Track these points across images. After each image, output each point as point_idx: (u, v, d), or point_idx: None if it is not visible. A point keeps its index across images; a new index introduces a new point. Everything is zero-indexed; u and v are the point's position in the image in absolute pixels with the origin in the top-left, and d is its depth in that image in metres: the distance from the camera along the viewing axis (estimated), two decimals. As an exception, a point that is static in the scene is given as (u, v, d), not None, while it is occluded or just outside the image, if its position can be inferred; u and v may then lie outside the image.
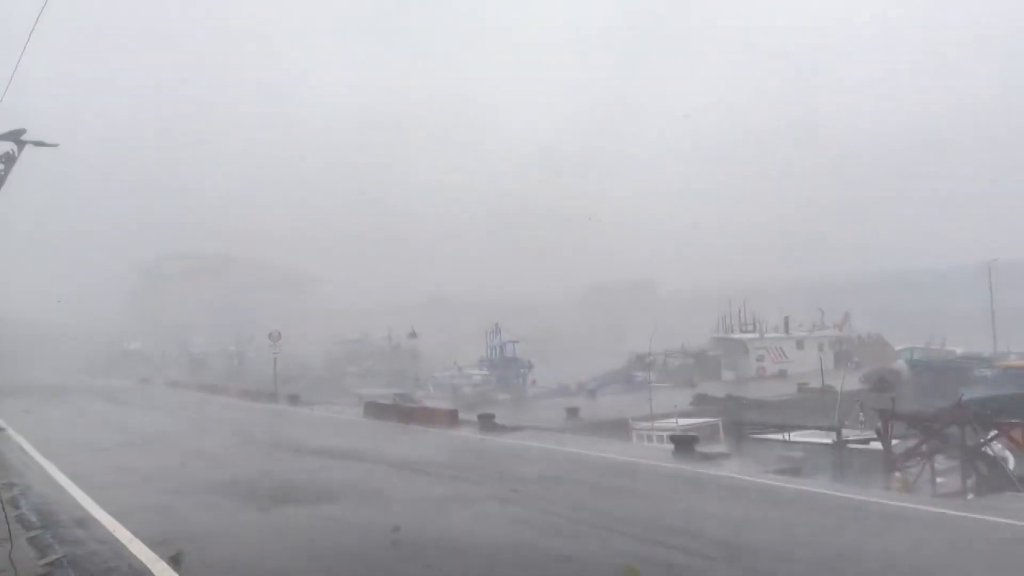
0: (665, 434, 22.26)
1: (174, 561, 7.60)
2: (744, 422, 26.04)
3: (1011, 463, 17.59)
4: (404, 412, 23.17)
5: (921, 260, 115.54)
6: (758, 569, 7.26)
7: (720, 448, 20.76)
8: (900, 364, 50.05)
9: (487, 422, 18.95)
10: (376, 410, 23.91)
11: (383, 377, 52.30)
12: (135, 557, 8.02)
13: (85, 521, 9.92)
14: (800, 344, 56.41)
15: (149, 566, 7.65)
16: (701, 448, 14.57)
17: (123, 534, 9.02)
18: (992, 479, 15.68)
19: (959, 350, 54.44)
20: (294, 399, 29.42)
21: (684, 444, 14.05)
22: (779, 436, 21.96)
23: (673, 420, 26.21)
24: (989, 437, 17.16)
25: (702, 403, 36.00)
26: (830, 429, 20.43)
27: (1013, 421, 17.53)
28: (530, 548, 8.23)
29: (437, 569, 7.57)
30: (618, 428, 27.47)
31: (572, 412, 32.73)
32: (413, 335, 60.50)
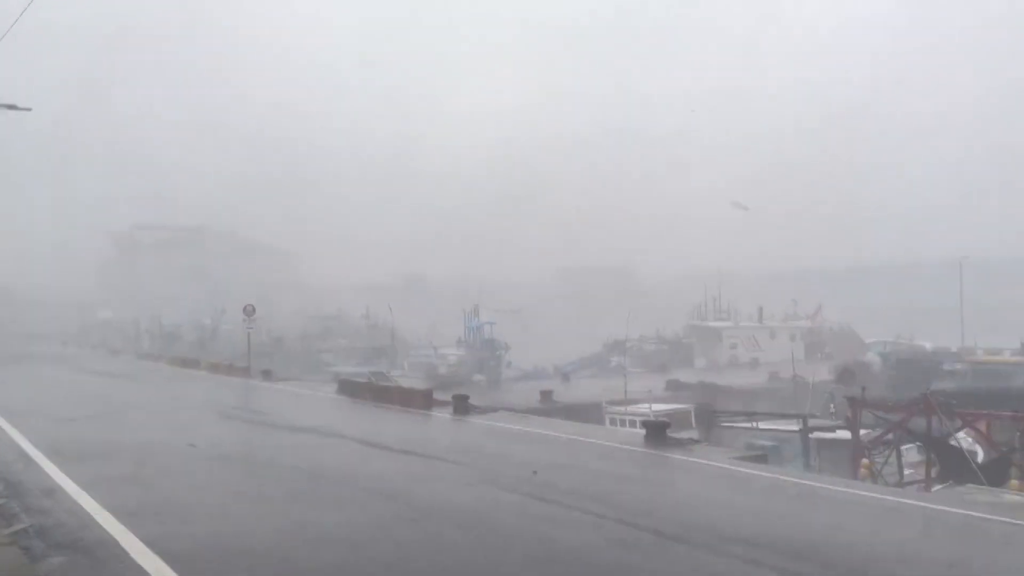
0: (637, 419, 22.50)
1: None
2: (715, 409, 26.45)
3: (980, 456, 17.98)
4: (379, 391, 23.10)
5: (894, 255, 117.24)
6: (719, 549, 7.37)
7: (691, 434, 21.05)
8: (872, 357, 51.02)
9: (461, 403, 18.96)
10: (350, 388, 23.81)
11: (358, 355, 52.17)
12: (103, 528, 7.96)
13: (53, 491, 9.83)
14: (773, 334, 57.21)
15: (117, 538, 7.59)
16: (672, 434, 14.72)
17: (91, 505, 8.95)
18: (957, 470, 16.03)
19: (928, 345, 55.53)
20: (267, 374, 29.23)
21: (655, 429, 14.17)
22: (749, 424, 22.29)
23: (646, 405, 26.49)
24: (956, 428, 17.53)
25: (674, 389, 36.41)
26: (798, 418, 20.77)
27: (977, 412, 17.90)
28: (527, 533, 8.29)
29: (419, 546, 7.60)
30: (591, 412, 27.71)
31: (546, 395, 32.97)
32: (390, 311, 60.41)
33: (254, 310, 31.78)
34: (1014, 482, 14.92)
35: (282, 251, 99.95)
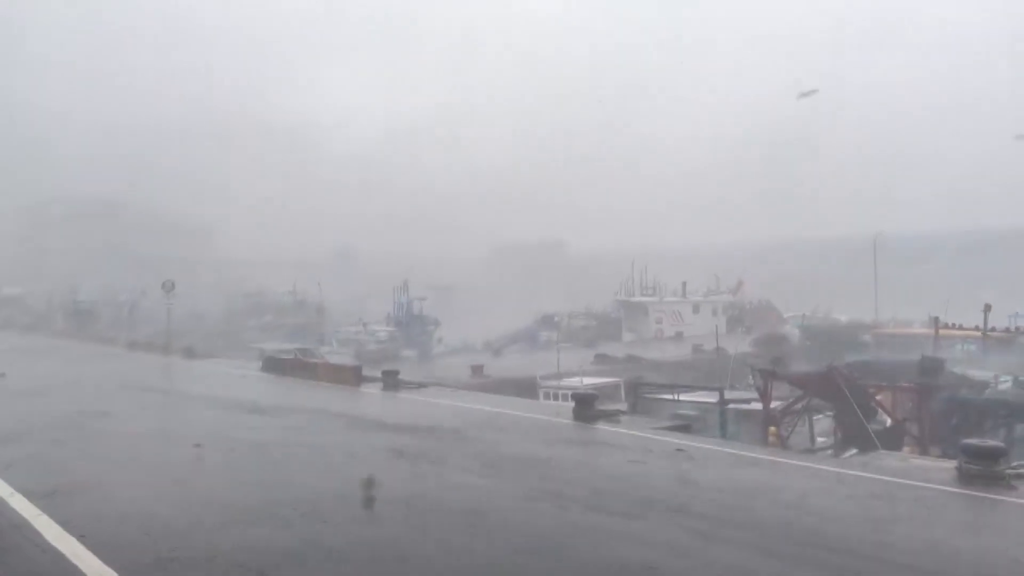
0: (570, 392, 23.02)
1: None
2: (641, 382, 27.22)
3: (886, 424, 19.03)
4: (305, 367, 22.79)
5: (811, 231, 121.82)
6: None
7: (619, 406, 21.63)
8: (790, 330, 53.09)
9: (391, 379, 18.93)
10: (275, 365, 23.38)
11: (285, 331, 51.17)
12: (15, 512, 7.72)
13: (-40, 476, 9.43)
14: (696, 308, 58.87)
15: (31, 521, 7.38)
16: (601, 406, 15.14)
17: (2, 488, 8.64)
18: (857, 438, 16.97)
19: (843, 318, 58.04)
20: (188, 352, 28.43)
21: (584, 402, 14.54)
22: (671, 396, 23.06)
23: (578, 379, 27.18)
24: (862, 401, 18.51)
25: (602, 363, 37.13)
26: (716, 389, 21.61)
27: (880, 384, 18.95)
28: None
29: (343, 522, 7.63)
30: (520, 386, 28.09)
31: (477, 370, 33.16)
32: (319, 287, 59.52)
33: (173, 285, 30.79)
34: (907, 449, 15.95)
35: (204, 227, 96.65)
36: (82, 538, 6.79)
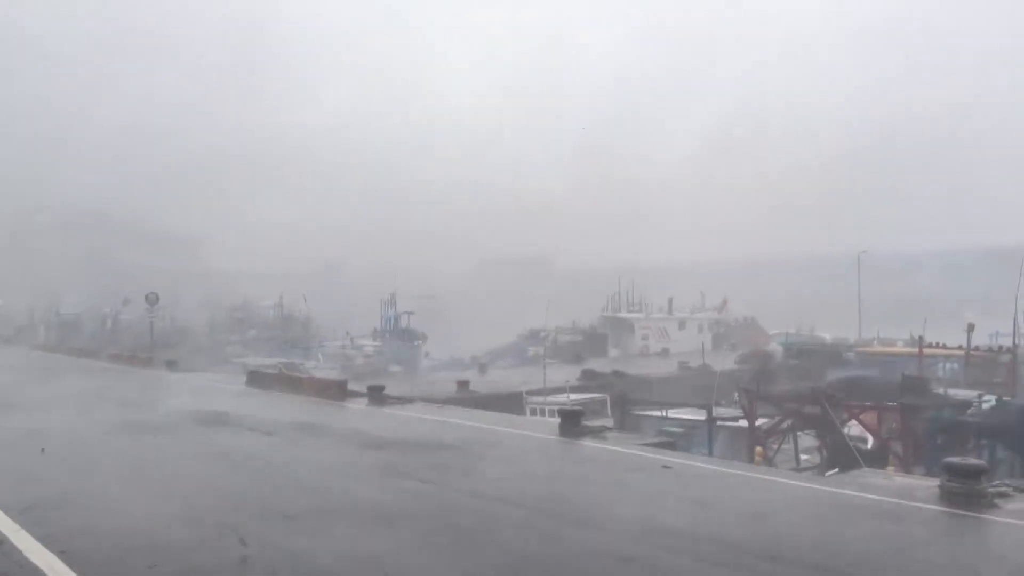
0: (556, 408, 23.04)
1: None
2: (629, 398, 27.29)
3: (869, 444, 19.16)
4: (290, 382, 22.65)
5: (796, 249, 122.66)
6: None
7: (605, 422, 21.64)
8: (774, 347, 53.42)
9: (377, 394, 18.84)
10: (260, 379, 23.22)
11: (270, 346, 50.90)
12: (-7, 527, 7.61)
13: (-66, 489, 9.28)
14: (682, 325, 59.21)
15: (9, 536, 7.27)
16: (587, 422, 15.12)
17: (-20, 504, 8.51)
18: (842, 457, 17.05)
19: (827, 336, 58.47)
20: (172, 365, 28.21)
21: (570, 418, 14.52)
22: (659, 413, 23.10)
23: (565, 395, 27.21)
24: (843, 419, 18.67)
25: (589, 379, 37.11)
26: (703, 407, 21.68)
27: (865, 404, 19.11)
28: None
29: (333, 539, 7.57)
30: (505, 401, 28.05)
31: (463, 385, 33.05)
32: (304, 301, 59.24)
33: (157, 298, 30.69)
34: (890, 468, 16.06)
35: (188, 240, 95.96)
36: (62, 554, 6.71)
